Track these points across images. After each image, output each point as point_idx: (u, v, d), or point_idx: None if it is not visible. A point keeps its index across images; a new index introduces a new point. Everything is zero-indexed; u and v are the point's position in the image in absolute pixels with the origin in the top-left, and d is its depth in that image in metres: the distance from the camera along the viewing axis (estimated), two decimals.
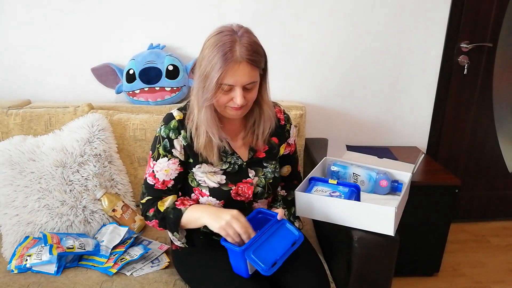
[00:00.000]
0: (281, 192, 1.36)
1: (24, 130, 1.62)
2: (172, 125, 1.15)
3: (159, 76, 1.80)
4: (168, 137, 1.15)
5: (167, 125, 1.15)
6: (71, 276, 1.26)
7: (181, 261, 1.27)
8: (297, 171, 1.39)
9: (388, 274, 1.28)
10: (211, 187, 1.18)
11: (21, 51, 1.86)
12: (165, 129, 1.15)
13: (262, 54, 1.07)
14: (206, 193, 1.18)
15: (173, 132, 1.15)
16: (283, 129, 1.29)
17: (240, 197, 1.20)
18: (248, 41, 1.03)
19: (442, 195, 1.78)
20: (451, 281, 1.97)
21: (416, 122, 2.18)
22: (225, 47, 1.01)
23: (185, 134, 1.15)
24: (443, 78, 2.11)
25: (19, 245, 1.35)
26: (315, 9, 1.93)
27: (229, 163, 1.20)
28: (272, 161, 1.26)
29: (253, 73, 1.05)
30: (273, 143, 1.26)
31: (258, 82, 1.10)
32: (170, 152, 1.16)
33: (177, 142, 1.15)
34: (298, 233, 1.14)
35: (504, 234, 2.38)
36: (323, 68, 2.03)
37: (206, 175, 1.18)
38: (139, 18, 1.86)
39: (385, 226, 1.19)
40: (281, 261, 1.07)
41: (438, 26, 2.02)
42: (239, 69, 1.02)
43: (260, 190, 1.23)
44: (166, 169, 1.16)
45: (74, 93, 1.93)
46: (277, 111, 1.28)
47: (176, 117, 1.16)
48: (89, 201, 1.46)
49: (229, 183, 1.19)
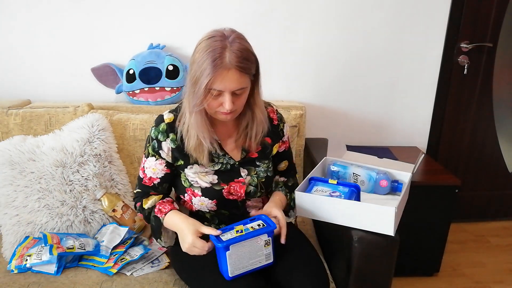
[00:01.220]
0: (281, 179, 1.37)
1: (24, 130, 1.62)
2: (161, 128, 1.17)
3: (159, 76, 1.80)
4: (156, 138, 1.18)
5: (157, 127, 1.18)
6: (71, 276, 1.26)
7: (180, 262, 1.27)
8: (293, 163, 1.42)
9: (388, 274, 1.28)
10: (203, 187, 1.19)
11: (21, 51, 1.86)
12: (154, 131, 1.18)
13: (252, 61, 1.07)
14: (198, 194, 1.19)
15: (162, 134, 1.17)
16: (277, 128, 1.30)
17: (232, 196, 1.21)
18: (239, 47, 1.03)
19: (442, 195, 1.78)
20: (451, 281, 1.97)
21: (416, 122, 2.18)
22: (215, 53, 1.01)
23: (174, 137, 1.17)
24: (443, 78, 2.11)
25: (19, 245, 1.35)
26: (315, 9, 1.93)
27: (221, 164, 1.21)
28: (265, 160, 1.27)
29: (242, 80, 1.05)
30: (266, 143, 1.27)
31: (249, 87, 1.10)
32: (158, 153, 1.19)
33: (165, 145, 1.17)
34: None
35: (504, 234, 2.38)
36: (323, 68, 2.03)
37: (198, 175, 1.19)
38: (139, 18, 1.86)
39: (385, 226, 1.19)
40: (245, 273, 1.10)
41: (438, 26, 2.02)
42: (228, 76, 1.02)
43: (252, 189, 1.24)
44: (153, 168, 1.21)
45: (74, 93, 1.93)
46: (269, 111, 1.29)
47: (165, 120, 1.18)
48: (89, 201, 1.46)
49: (221, 183, 1.20)
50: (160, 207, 1.20)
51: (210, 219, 1.27)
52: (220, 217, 1.26)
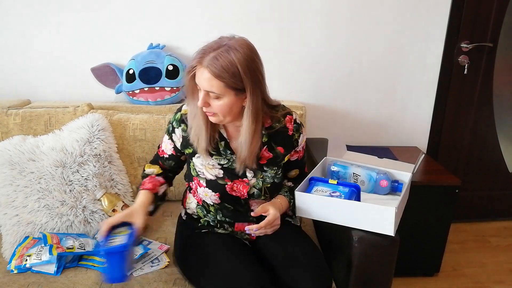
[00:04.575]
0: (288, 183, 1.38)
1: (24, 130, 1.61)
2: (177, 116, 1.27)
3: (159, 76, 1.80)
4: (172, 124, 1.28)
5: (176, 114, 1.28)
6: (70, 276, 1.26)
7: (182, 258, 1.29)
8: (304, 172, 1.41)
9: (388, 274, 1.28)
10: (208, 178, 1.24)
11: (21, 51, 1.86)
12: (173, 117, 1.28)
13: (233, 75, 1.05)
14: (203, 184, 1.25)
15: (176, 122, 1.27)
16: (291, 139, 1.28)
17: (235, 193, 1.24)
18: (223, 55, 1.05)
19: (442, 195, 1.78)
20: (451, 281, 1.97)
21: (416, 122, 2.18)
22: (205, 50, 1.07)
23: (185, 127, 1.25)
24: (443, 78, 2.11)
25: (19, 245, 1.35)
26: (315, 9, 1.92)
27: (228, 160, 1.23)
28: (274, 167, 1.26)
29: (214, 84, 1.06)
30: (278, 152, 1.26)
31: (228, 97, 1.09)
32: (170, 135, 1.30)
33: (177, 131, 1.27)
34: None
35: (505, 234, 2.38)
36: (323, 68, 2.03)
37: (205, 167, 1.24)
38: (139, 18, 1.86)
39: (385, 226, 1.19)
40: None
41: (439, 26, 2.02)
42: (202, 73, 1.08)
43: (256, 191, 1.24)
44: (166, 145, 1.33)
45: (74, 93, 1.93)
46: (287, 121, 1.28)
47: (182, 111, 1.27)
48: (89, 201, 1.45)
49: (226, 178, 1.23)
50: (146, 180, 1.30)
51: (215, 212, 1.28)
52: (224, 211, 1.27)
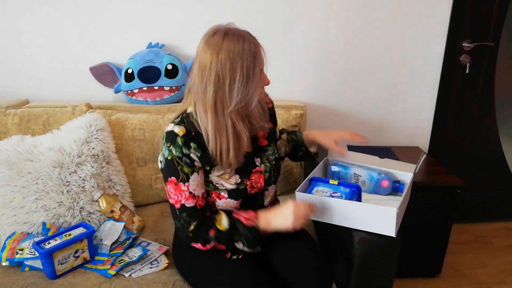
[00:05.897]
0: (282, 136, 1.44)
1: (22, 130, 1.61)
2: (180, 143, 1.10)
3: (158, 75, 1.79)
4: (184, 154, 1.11)
5: (175, 144, 1.10)
6: (69, 278, 1.25)
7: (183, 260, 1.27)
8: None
9: (390, 275, 1.28)
10: (229, 189, 1.19)
11: (19, 51, 1.85)
12: (176, 149, 1.10)
13: None
14: (224, 196, 1.19)
15: (185, 147, 1.11)
16: (273, 111, 1.37)
17: (254, 189, 1.23)
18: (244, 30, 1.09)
19: (444, 195, 1.77)
20: (453, 282, 1.96)
21: (417, 122, 2.17)
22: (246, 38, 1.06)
23: (195, 146, 1.12)
24: (445, 77, 2.10)
25: (9, 238, 1.36)
26: (316, 8, 1.91)
27: None
28: (271, 144, 1.31)
29: None
30: (270, 128, 1.30)
31: None
32: (193, 166, 1.13)
33: (193, 155, 1.12)
34: None
35: (506, 235, 2.37)
36: (323, 68, 2.02)
37: (222, 178, 1.18)
38: (138, 17, 1.85)
39: (387, 227, 1.19)
40: None
41: (440, 25, 2.01)
42: (263, 50, 1.10)
43: (267, 175, 1.26)
44: (201, 182, 1.15)
45: (72, 92, 1.92)
46: (263, 96, 1.32)
47: (179, 133, 1.11)
48: (86, 202, 1.44)
49: (244, 179, 1.21)
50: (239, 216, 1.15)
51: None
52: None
